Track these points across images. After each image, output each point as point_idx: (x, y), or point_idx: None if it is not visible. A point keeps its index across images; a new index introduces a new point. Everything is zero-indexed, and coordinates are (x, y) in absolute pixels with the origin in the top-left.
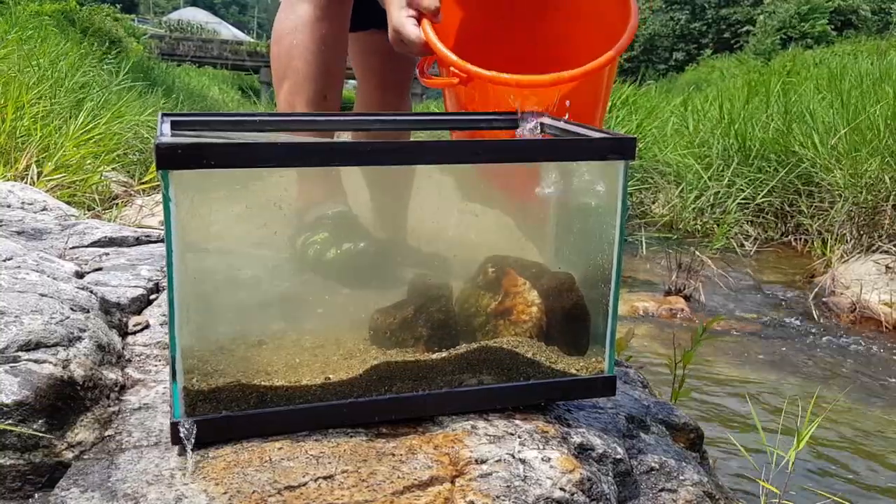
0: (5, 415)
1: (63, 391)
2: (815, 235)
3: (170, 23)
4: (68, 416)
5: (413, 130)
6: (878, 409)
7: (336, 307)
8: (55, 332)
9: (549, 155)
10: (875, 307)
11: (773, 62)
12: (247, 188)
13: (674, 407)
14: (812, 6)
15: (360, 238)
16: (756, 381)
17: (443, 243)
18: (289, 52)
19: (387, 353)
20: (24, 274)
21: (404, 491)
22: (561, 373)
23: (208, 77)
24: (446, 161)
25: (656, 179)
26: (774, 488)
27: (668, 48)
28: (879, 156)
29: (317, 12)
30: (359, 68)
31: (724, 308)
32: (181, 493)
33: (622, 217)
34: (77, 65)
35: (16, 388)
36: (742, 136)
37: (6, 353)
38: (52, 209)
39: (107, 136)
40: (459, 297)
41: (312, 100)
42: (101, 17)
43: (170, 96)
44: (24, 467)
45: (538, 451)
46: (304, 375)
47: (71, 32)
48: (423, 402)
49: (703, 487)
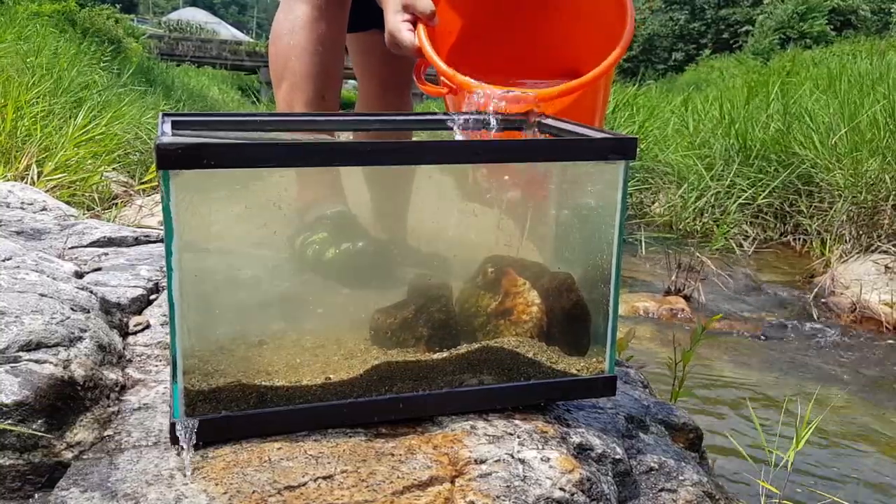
0: (5, 415)
1: (63, 391)
2: (814, 235)
3: (169, 23)
4: (68, 416)
5: (413, 130)
6: (878, 408)
7: (336, 307)
8: (56, 332)
9: (549, 155)
10: (875, 307)
11: (772, 62)
12: (247, 188)
13: (673, 407)
14: (810, 6)
15: (359, 238)
16: (756, 381)
17: (443, 243)
18: (287, 53)
19: (387, 353)
20: (24, 274)
21: (404, 491)
22: (561, 373)
23: (208, 77)
24: (446, 161)
25: (656, 180)
26: (774, 488)
27: (667, 48)
28: (879, 155)
29: (314, 13)
30: (359, 69)
31: (724, 308)
32: (181, 492)
33: (622, 217)
34: (77, 65)
35: (16, 388)
36: (742, 137)
37: (7, 353)
38: (52, 209)
39: (107, 136)
40: (460, 297)
41: (311, 100)
42: (102, 17)
43: (170, 96)
44: (23, 467)
45: (537, 451)
46: (304, 375)
47: (71, 33)
48: (423, 402)
49: (703, 487)
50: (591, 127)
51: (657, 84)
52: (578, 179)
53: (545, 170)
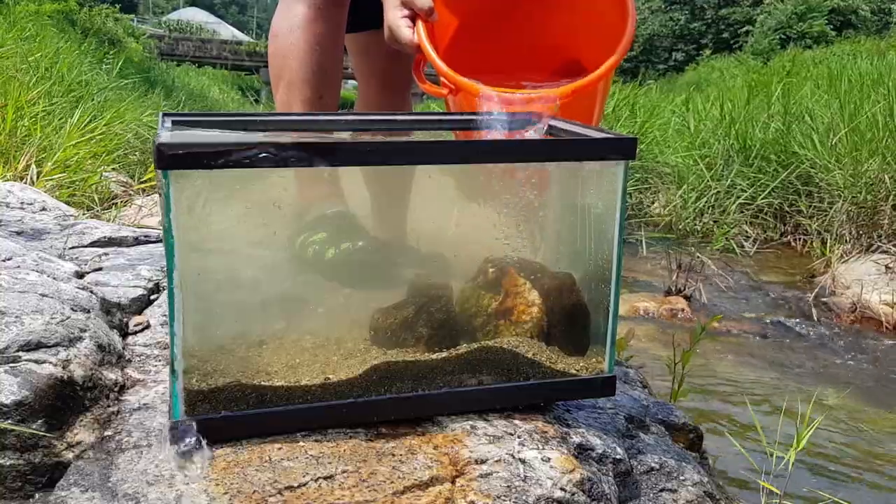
0: (5, 415)
1: (63, 391)
2: (814, 235)
3: (169, 23)
4: (68, 417)
5: (413, 130)
6: (878, 408)
7: (336, 307)
8: (56, 332)
9: (549, 155)
10: (875, 307)
11: (772, 62)
12: (247, 188)
13: (673, 407)
14: (810, 6)
15: (358, 238)
16: (756, 381)
17: (443, 243)
18: (284, 53)
19: (387, 353)
20: (24, 274)
21: (405, 491)
22: (561, 373)
23: (208, 77)
24: (446, 161)
25: (656, 181)
26: (774, 488)
27: (667, 48)
28: (879, 155)
29: (312, 13)
30: (359, 69)
31: (724, 308)
32: (181, 492)
33: (622, 217)
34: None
35: (16, 388)
36: (743, 137)
37: (7, 353)
38: (51, 209)
39: (107, 136)
40: (460, 297)
41: (309, 99)
42: (102, 17)
43: (170, 96)
44: (23, 467)
45: (538, 451)
46: (303, 375)
47: (71, 33)
48: (423, 402)
49: (704, 487)
50: (591, 127)
51: (657, 84)
52: (578, 179)
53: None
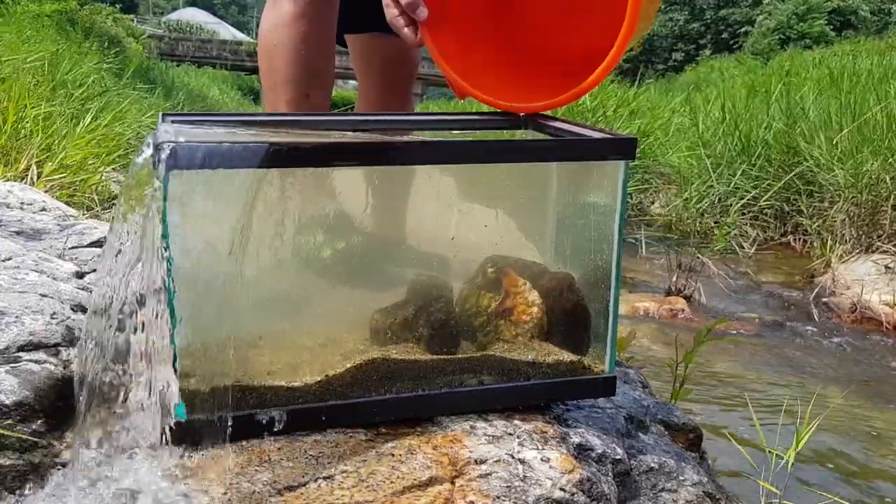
0: (5, 415)
1: (63, 391)
2: (814, 235)
3: (169, 23)
4: (68, 416)
5: (413, 130)
6: (878, 408)
7: (335, 307)
8: (56, 332)
9: (549, 155)
10: (876, 307)
11: (771, 62)
12: (245, 188)
13: (673, 407)
14: (809, 6)
15: (357, 238)
16: (756, 381)
17: (442, 243)
18: (270, 51)
19: (387, 353)
20: (24, 274)
21: (404, 491)
22: (561, 373)
23: (208, 77)
24: (446, 161)
25: (656, 181)
26: (774, 488)
27: (667, 48)
28: (880, 156)
29: (297, 10)
30: (359, 69)
31: (724, 308)
32: (181, 492)
33: (622, 217)
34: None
35: (16, 389)
36: (746, 137)
37: (7, 353)
38: (51, 209)
39: (108, 136)
40: (460, 297)
41: (293, 99)
42: (102, 17)
43: (170, 96)
44: (23, 467)
45: (537, 451)
46: (303, 375)
47: (71, 33)
48: (423, 402)
49: (704, 487)
50: (591, 127)
51: (656, 84)
52: (578, 179)
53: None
